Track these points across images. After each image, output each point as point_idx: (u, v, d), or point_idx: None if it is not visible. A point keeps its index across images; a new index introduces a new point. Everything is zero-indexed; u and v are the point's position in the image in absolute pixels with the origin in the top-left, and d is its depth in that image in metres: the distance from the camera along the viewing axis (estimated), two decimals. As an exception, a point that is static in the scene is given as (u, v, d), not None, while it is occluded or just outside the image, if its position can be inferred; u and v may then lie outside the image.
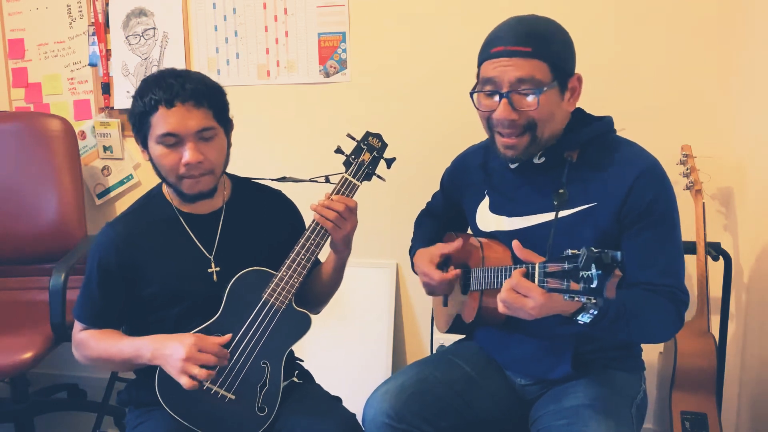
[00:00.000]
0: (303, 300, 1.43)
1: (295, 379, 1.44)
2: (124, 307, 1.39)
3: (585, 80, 1.27)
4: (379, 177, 1.41)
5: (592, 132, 1.28)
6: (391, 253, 2.20)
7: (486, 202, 1.41)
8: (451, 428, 1.34)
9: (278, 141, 2.25)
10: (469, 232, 1.51)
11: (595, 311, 1.04)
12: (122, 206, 2.38)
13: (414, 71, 2.09)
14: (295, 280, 1.35)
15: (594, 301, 0.93)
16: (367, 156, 1.40)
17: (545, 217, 1.30)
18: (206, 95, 1.29)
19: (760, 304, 1.78)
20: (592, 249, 0.91)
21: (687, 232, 1.30)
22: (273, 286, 1.35)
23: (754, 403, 1.82)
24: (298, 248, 1.36)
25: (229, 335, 1.32)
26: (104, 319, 1.39)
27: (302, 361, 1.54)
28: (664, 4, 1.87)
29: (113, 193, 2.42)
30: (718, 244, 1.82)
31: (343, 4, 2.11)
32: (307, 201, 1.39)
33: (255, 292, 1.35)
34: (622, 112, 1.40)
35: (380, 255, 2.21)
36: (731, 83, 1.85)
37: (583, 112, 1.33)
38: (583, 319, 1.06)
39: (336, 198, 1.34)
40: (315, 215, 1.35)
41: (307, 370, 1.54)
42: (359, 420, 1.38)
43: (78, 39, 2.36)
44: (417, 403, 1.32)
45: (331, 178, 1.43)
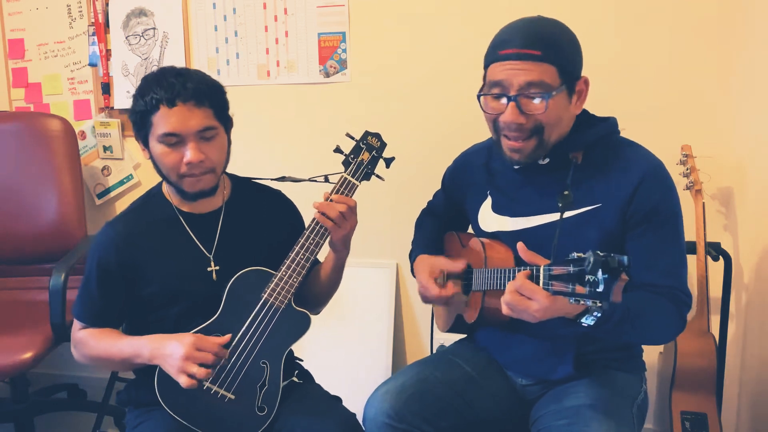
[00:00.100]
0: (302, 300, 1.43)
1: (294, 379, 1.44)
2: (123, 307, 1.39)
3: (585, 80, 1.27)
4: (378, 177, 1.41)
5: (597, 133, 1.28)
6: (391, 253, 2.20)
7: (488, 202, 1.41)
8: (452, 428, 1.34)
9: (278, 141, 2.25)
10: (471, 231, 1.51)
11: (598, 314, 1.03)
12: (122, 206, 2.37)
13: (414, 71, 2.09)
14: (295, 279, 1.35)
15: (599, 304, 0.92)
16: (366, 155, 1.39)
17: (549, 217, 1.29)
18: (207, 94, 1.29)
19: (760, 304, 1.78)
20: (599, 252, 0.90)
21: (687, 232, 1.29)
22: (272, 285, 1.35)
23: (754, 403, 1.82)
24: (297, 248, 1.36)
25: (228, 335, 1.32)
26: (103, 318, 1.39)
27: (302, 360, 1.54)
28: (665, 5, 1.87)
29: (113, 193, 2.42)
30: (718, 244, 1.82)
31: (343, 4, 2.11)
32: (307, 201, 1.39)
33: (254, 292, 1.35)
34: (622, 112, 1.40)
35: (380, 255, 2.20)
36: (731, 83, 1.85)
37: (588, 113, 1.32)
38: (587, 321, 1.05)
39: (336, 197, 1.34)
40: (316, 213, 1.35)
41: (306, 370, 1.54)
42: (359, 420, 1.38)
43: (78, 39, 2.36)
44: (417, 403, 1.32)
45: (330, 178, 1.43)
